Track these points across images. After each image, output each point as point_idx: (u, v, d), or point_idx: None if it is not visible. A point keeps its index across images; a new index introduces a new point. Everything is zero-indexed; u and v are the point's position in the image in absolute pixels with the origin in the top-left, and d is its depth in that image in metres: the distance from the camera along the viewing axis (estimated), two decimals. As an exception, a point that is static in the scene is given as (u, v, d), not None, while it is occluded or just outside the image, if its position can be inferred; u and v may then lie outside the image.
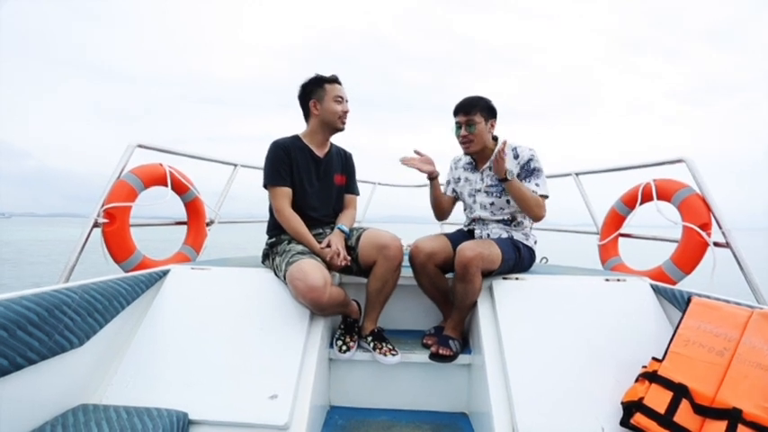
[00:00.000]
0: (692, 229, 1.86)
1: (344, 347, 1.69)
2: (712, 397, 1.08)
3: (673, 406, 1.14)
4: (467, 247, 1.62)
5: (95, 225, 1.83)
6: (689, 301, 1.32)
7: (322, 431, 1.53)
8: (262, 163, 1.80)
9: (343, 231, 1.77)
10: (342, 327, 1.78)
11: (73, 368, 1.31)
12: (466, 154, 1.93)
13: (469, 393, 1.74)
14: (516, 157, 1.84)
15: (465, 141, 1.85)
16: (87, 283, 1.39)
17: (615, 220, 2.37)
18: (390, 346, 1.70)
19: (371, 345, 1.70)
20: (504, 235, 1.87)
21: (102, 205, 1.85)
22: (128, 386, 1.38)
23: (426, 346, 1.76)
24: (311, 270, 1.50)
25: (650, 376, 1.25)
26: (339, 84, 1.82)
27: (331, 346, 1.73)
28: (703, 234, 1.82)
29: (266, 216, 1.87)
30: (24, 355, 1.11)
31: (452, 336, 1.73)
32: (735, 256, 1.71)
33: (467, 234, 2.00)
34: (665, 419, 1.13)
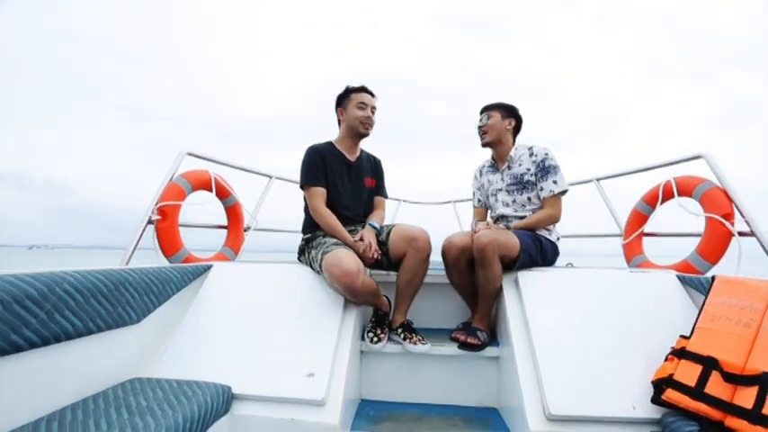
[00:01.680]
0: (715, 219, 1.86)
1: (376, 339, 1.75)
2: (742, 366, 1.08)
3: (703, 378, 1.15)
4: (482, 234, 1.69)
5: (149, 222, 2.00)
6: (713, 280, 1.34)
7: (354, 422, 1.57)
8: (292, 176, 1.96)
9: (374, 227, 1.86)
10: (373, 320, 1.83)
11: (130, 342, 1.42)
12: (483, 145, 2.05)
13: (499, 387, 1.74)
14: (531, 155, 1.94)
15: (481, 132, 2.03)
16: (145, 267, 1.52)
17: (638, 220, 2.38)
18: (420, 337, 1.74)
19: (402, 336, 1.75)
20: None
21: (156, 204, 2.03)
22: (177, 362, 1.48)
23: (455, 340, 1.78)
24: (346, 257, 1.59)
25: (679, 353, 1.25)
26: (366, 93, 1.94)
27: (362, 338, 1.79)
28: (727, 224, 1.83)
29: (298, 225, 2.01)
30: (94, 321, 1.23)
31: (480, 327, 1.76)
32: (760, 243, 1.70)
33: None
34: (697, 392, 1.14)
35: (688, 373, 1.18)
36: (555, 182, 1.88)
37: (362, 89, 1.95)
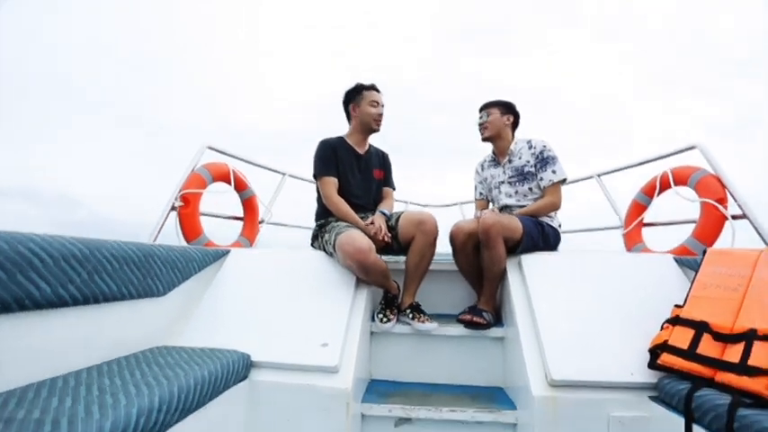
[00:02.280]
0: (710, 204, 1.94)
1: (386, 319, 1.82)
2: (731, 326, 1.15)
3: (695, 341, 1.21)
4: (487, 217, 1.78)
5: (172, 208, 2.12)
6: (704, 253, 1.41)
7: (364, 395, 1.64)
8: (304, 174, 2.07)
9: (384, 214, 1.96)
10: (382, 302, 1.91)
11: (157, 313, 1.52)
12: (484, 140, 2.16)
13: (504, 366, 1.80)
14: (530, 148, 2.05)
15: (481, 128, 2.15)
16: (170, 245, 1.63)
17: (637, 210, 2.46)
18: (428, 316, 1.82)
19: (410, 316, 1.82)
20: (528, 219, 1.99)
21: (180, 191, 2.15)
22: (199, 333, 1.57)
23: (461, 322, 1.86)
24: (358, 236, 1.69)
25: (673, 321, 1.33)
26: (376, 90, 2.06)
27: (372, 320, 1.87)
28: (720, 207, 1.90)
29: (308, 222, 2.12)
30: (127, 288, 1.33)
31: (485, 309, 1.84)
32: (753, 224, 1.77)
33: None
34: (689, 353, 1.21)
35: (681, 337, 1.25)
36: (554, 171, 1.98)
37: (373, 87, 2.07)
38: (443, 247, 2.00)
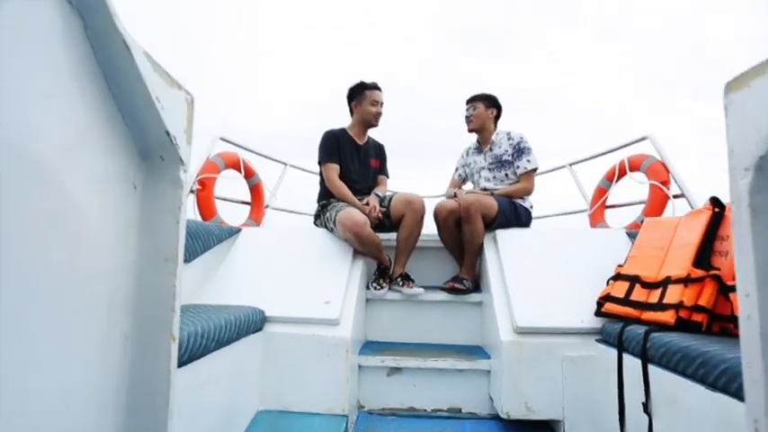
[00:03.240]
0: (656, 185, 2.25)
1: (379, 287, 2.09)
2: (655, 276, 1.44)
3: (629, 290, 1.50)
4: (468, 196, 2.06)
5: (191, 192, 2.37)
6: (642, 222, 1.70)
7: (360, 350, 1.91)
8: (304, 164, 2.32)
9: (378, 195, 2.23)
10: (376, 273, 2.18)
11: (186, 277, 1.76)
12: (469, 131, 2.42)
13: (482, 327, 2.08)
14: (509, 139, 2.31)
15: (467, 120, 2.41)
16: (194, 220, 1.89)
17: (600, 193, 2.77)
18: (415, 283, 2.10)
19: (401, 283, 2.10)
20: (504, 200, 2.24)
21: (197, 176, 2.41)
22: (219, 295, 1.82)
23: (445, 290, 2.12)
24: (355, 212, 1.96)
25: (615, 277, 1.61)
26: (378, 90, 2.31)
27: (367, 288, 2.14)
28: (664, 188, 2.21)
29: (308, 209, 2.38)
30: None
31: (466, 277, 2.11)
32: (689, 202, 2.07)
33: None
34: (624, 300, 1.49)
35: (620, 289, 1.54)
36: (528, 161, 2.25)
37: (375, 86, 2.31)
38: (430, 228, 2.27)
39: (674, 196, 2.20)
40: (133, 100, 0.55)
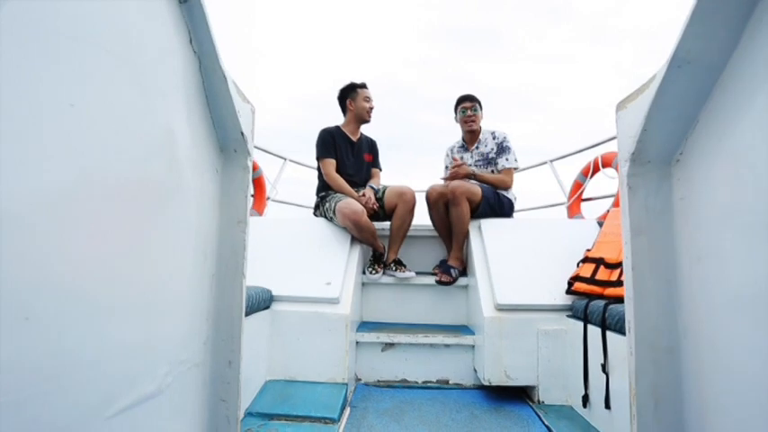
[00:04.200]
0: None
1: (374, 272, 2.28)
2: (616, 258, 1.64)
3: (595, 271, 1.70)
4: (456, 183, 2.24)
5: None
6: (607, 212, 1.91)
7: (357, 329, 2.09)
8: (305, 160, 2.48)
9: (372, 187, 2.41)
10: (371, 259, 2.36)
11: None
12: (468, 132, 2.57)
13: (468, 308, 2.28)
14: (494, 138, 2.50)
15: (470, 120, 2.52)
16: None
17: (576, 187, 2.99)
18: (408, 268, 2.29)
19: (394, 268, 2.28)
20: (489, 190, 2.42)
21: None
22: None
23: (435, 275, 2.31)
24: (353, 202, 2.13)
25: (583, 260, 1.81)
26: (367, 88, 2.49)
27: (363, 273, 2.32)
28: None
29: (308, 201, 2.54)
30: None
31: (453, 265, 2.29)
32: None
33: None
34: (590, 279, 1.69)
35: (587, 270, 1.74)
36: (507, 159, 2.44)
37: (365, 85, 2.49)
38: (421, 218, 2.45)
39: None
40: (222, 111, 0.80)
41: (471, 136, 2.59)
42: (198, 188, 0.75)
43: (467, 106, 2.53)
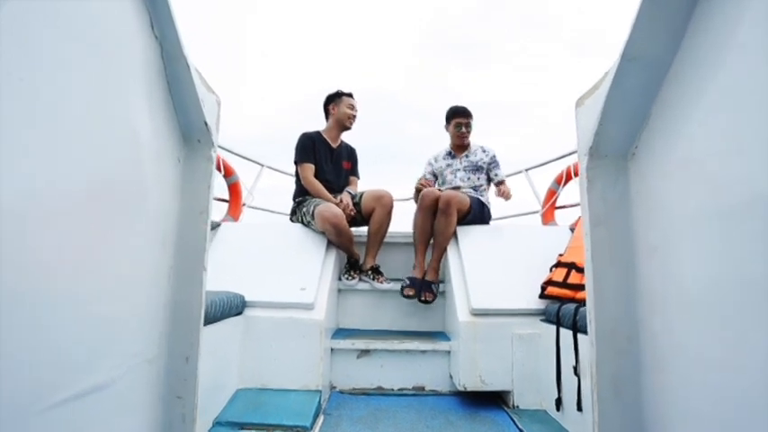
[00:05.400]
0: None
1: (350, 278, 2.26)
2: None
3: (567, 275, 1.73)
4: (447, 192, 2.25)
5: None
6: (579, 218, 1.95)
7: (332, 336, 2.05)
8: (287, 167, 2.46)
9: (350, 193, 2.40)
10: (347, 266, 2.34)
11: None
12: (460, 146, 2.61)
13: (444, 314, 2.27)
14: (484, 152, 2.59)
15: (464, 136, 2.56)
16: None
17: (550, 195, 3.06)
18: (385, 278, 2.27)
19: (371, 276, 2.27)
20: (473, 194, 2.48)
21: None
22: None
23: (408, 297, 2.12)
24: (333, 206, 2.13)
25: (555, 264, 1.84)
26: (353, 98, 2.51)
27: (339, 279, 2.30)
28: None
29: (284, 209, 2.53)
30: None
31: (433, 280, 2.18)
32: None
33: None
34: (562, 283, 1.71)
35: (559, 274, 1.76)
36: (497, 174, 2.56)
37: (351, 95, 2.51)
38: (398, 225, 2.45)
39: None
40: (185, 100, 0.78)
41: (461, 149, 2.63)
42: (158, 177, 0.74)
43: (462, 122, 2.55)
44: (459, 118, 2.55)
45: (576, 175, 2.80)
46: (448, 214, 2.20)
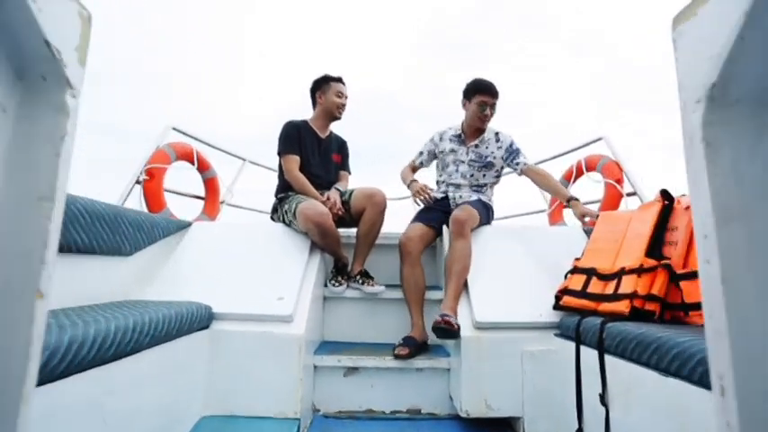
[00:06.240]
0: (610, 183, 2.32)
1: (337, 284, 2.00)
2: (610, 268, 1.44)
3: (586, 283, 1.49)
4: (459, 213, 1.88)
5: (137, 182, 2.20)
6: (597, 216, 1.72)
7: (316, 350, 1.80)
8: (265, 161, 2.23)
9: (338, 190, 2.15)
10: (333, 270, 2.09)
11: (123, 270, 1.61)
12: (476, 128, 2.15)
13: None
14: (498, 141, 2.17)
15: (486, 119, 2.10)
16: (137, 210, 1.74)
17: (559, 193, 2.83)
18: (376, 281, 2.02)
19: (360, 281, 2.02)
20: (474, 197, 2.16)
21: (145, 165, 2.24)
22: (163, 290, 1.67)
23: (400, 357, 1.71)
24: (318, 203, 1.88)
25: (572, 270, 1.60)
26: (342, 83, 2.23)
27: (325, 285, 2.05)
28: (618, 186, 2.28)
29: (267, 207, 2.27)
30: (97, 241, 1.43)
31: (449, 313, 1.65)
32: (641, 200, 2.14)
33: (441, 201, 2.21)
34: (581, 293, 1.48)
35: (577, 282, 1.53)
36: (525, 156, 2.17)
37: (340, 80, 2.24)
38: (390, 226, 2.19)
39: (627, 194, 2.27)
40: (13, 11, 0.43)
41: (475, 132, 2.19)
42: None
43: (488, 102, 2.08)
44: (484, 96, 2.07)
45: (587, 170, 2.58)
46: (464, 236, 1.82)
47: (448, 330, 1.57)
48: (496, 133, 2.18)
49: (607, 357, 1.19)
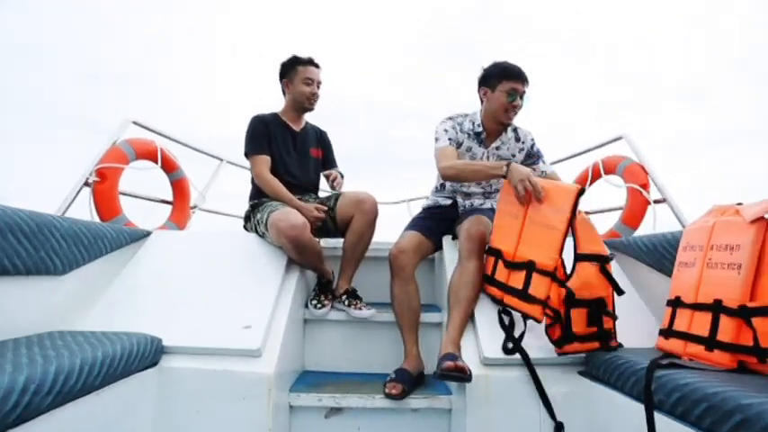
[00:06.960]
0: (634, 188, 2.06)
1: (320, 305, 1.72)
2: (513, 254, 1.34)
3: (494, 267, 1.46)
4: (474, 228, 1.58)
5: (86, 184, 1.89)
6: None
7: (293, 385, 1.52)
8: (245, 163, 1.96)
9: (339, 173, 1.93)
10: (316, 288, 1.80)
11: (53, 294, 1.32)
12: (506, 123, 1.72)
13: (440, 350, 1.75)
14: (518, 141, 1.80)
15: (514, 111, 1.68)
16: (75, 218, 1.44)
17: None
18: (364, 303, 1.74)
19: (346, 302, 1.73)
20: (487, 204, 1.88)
21: (95, 165, 1.93)
22: (104, 317, 1.39)
23: (391, 397, 1.42)
24: (292, 212, 1.60)
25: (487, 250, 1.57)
26: (313, 66, 1.90)
27: (306, 306, 1.76)
28: (644, 192, 2.02)
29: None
30: (11, 260, 1.14)
31: (455, 352, 1.36)
32: (671, 207, 1.88)
33: (448, 208, 1.90)
34: (491, 279, 1.47)
35: (489, 264, 1.49)
36: (544, 162, 1.84)
37: (310, 62, 1.91)
38: (382, 235, 1.91)
39: (655, 201, 2.01)
40: None
41: (498, 128, 1.76)
42: None
43: (519, 90, 1.65)
44: (515, 82, 1.64)
45: (606, 173, 2.31)
46: (479, 256, 1.53)
47: (460, 378, 1.25)
48: (515, 129, 1.80)
49: (659, 417, 0.92)
